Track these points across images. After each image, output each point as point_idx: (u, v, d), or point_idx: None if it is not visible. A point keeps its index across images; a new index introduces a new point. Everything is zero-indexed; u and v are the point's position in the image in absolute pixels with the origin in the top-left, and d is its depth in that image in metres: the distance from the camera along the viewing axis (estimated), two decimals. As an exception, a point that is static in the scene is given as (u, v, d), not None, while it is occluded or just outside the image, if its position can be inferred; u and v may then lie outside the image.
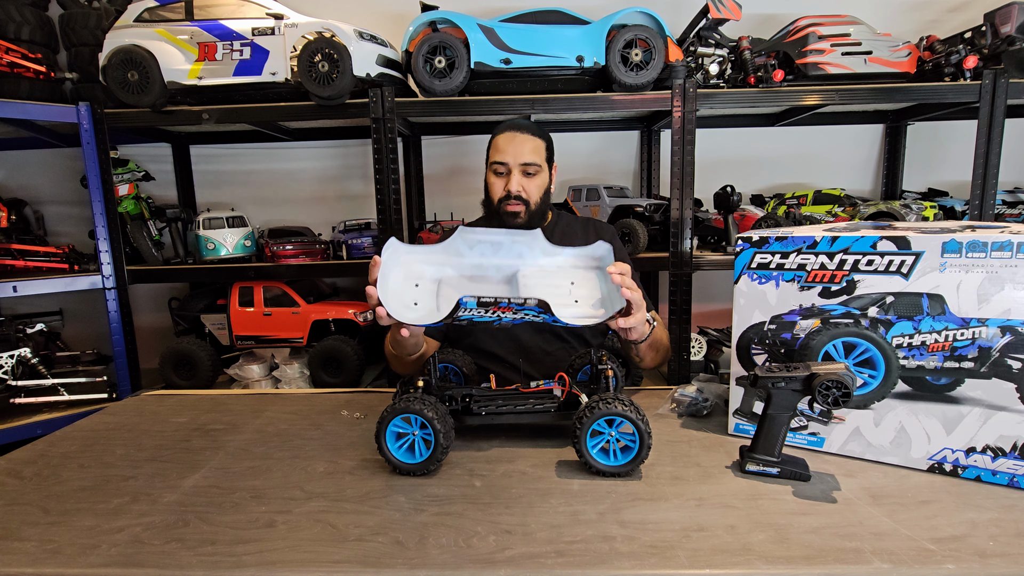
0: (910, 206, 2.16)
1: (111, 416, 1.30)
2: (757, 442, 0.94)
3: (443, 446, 0.94)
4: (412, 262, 1.15)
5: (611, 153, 2.72)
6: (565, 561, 0.72)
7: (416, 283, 1.15)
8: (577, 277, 1.18)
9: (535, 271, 1.17)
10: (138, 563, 0.74)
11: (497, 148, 1.59)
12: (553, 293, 1.14)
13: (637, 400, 1.28)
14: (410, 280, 1.14)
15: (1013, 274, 0.85)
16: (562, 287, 1.17)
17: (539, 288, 1.14)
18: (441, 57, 2.03)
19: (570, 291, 1.17)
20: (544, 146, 1.62)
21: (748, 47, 2.12)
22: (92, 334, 2.76)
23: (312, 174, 2.76)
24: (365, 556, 0.74)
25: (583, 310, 1.15)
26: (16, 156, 2.68)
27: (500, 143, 1.59)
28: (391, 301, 1.06)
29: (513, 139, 1.58)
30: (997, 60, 2.02)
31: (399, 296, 1.12)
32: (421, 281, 1.15)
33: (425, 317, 1.09)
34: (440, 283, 1.16)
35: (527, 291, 1.13)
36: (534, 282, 1.16)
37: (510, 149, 1.57)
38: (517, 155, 1.56)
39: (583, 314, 1.14)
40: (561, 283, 1.17)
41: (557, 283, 1.17)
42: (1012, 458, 0.88)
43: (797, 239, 1.00)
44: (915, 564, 0.70)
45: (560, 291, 1.16)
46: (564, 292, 1.17)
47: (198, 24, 2.05)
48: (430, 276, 1.16)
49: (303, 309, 2.30)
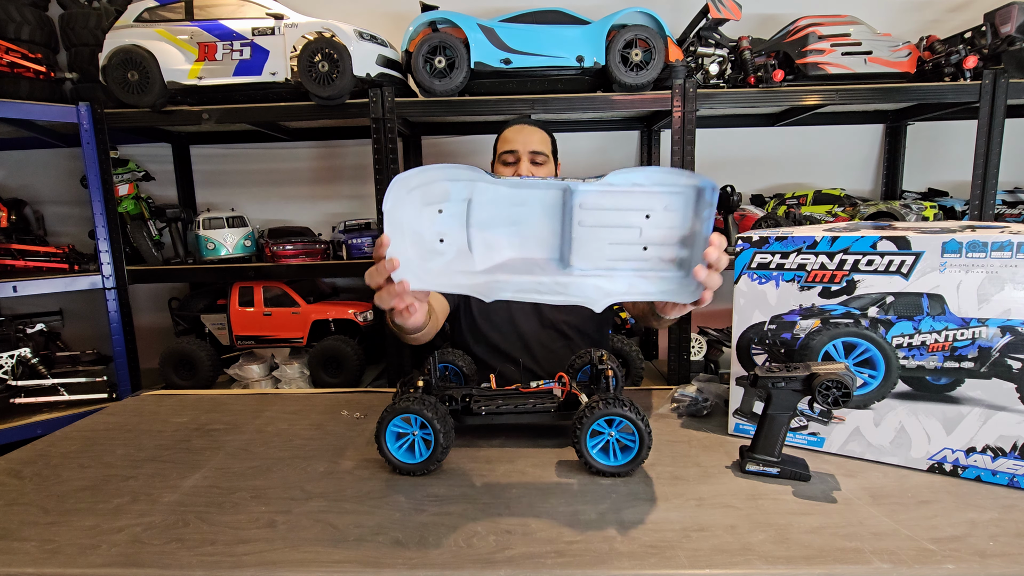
0: (910, 206, 2.16)
1: (111, 416, 1.30)
2: (757, 442, 0.94)
3: (443, 446, 0.94)
4: (431, 181, 0.85)
5: (611, 153, 2.72)
6: (565, 561, 0.72)
7: (440, 207, 0.87)
8: (658, 206, 0.86)
9: (598, 194, 0.86)
10: (138, 563, 0.74)
11: (506, 139, 1.67)
12: (618, 233, 0.88)
13: (637, 400, 1.28)
14: (431, 206, 0.86)
15: (1013, 274, 0.85)
16: (632, 224, 0.87)
17: (601, 222, 0.87)
18: (441, 57, 2.03)
19: (641, 231, 0.87)
20: (550, 141, 1.71)
21: (748, 47, 2.11)
22: (92, 334, 2.76)
23: (312, 174, 2.76)
24: (365, 556, 0.74)
25: (645, 276, 0.89)
26: (16, 156, 2.68)
27: (509, 135, 1.67)
28: (408, 251, 0.84)
29: (522, 130, 1.66)
30: (997, 60, 2.02)
31: (419, 238, 0.87)
32: (446, 203, 0.87)
33: (454, 263, 0.88)
34: (470, 204, 0.88)
35: (584, 225, 0.87)
36: (595, 214, 0.87)
37: (519, 138, 1.64)
38: (526, 143, 1.63)
39: (642, 288, 0.89)
40: (633, 216, 0.87)
41: (627, 215, 0.87)
42: (1012, 458, 0.88)
43: (797, 239, 1.00)
44: (915, 564, 0.70)
45: (628, 232, 0.88)
46: (633, 233, 0.88)
47: (198, 24, 2.05)
48: (457, 195, 0.87)
49: (303, 309, 2.30)
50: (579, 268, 0.90)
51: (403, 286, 0.85)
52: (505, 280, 0.90)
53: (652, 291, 0.91)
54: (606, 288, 0.90)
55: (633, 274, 0.91)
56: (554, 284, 0.90)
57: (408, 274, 0.86)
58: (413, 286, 0.86)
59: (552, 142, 1.72)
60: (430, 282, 0.88)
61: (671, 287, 0.90)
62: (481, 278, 0.89)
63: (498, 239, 0.90)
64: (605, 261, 0.90)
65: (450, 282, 0.89)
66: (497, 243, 0.91)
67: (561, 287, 0.90)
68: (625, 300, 0.92)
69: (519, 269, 0.91)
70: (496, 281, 0.89)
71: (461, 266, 0.89)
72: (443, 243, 0.89)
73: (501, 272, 0.91)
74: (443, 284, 0.89)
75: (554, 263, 0.92)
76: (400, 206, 0.84)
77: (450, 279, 0.89)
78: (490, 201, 0.87)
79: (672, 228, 0.87)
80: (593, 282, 0.90)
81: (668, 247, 0.89)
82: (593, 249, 0.89)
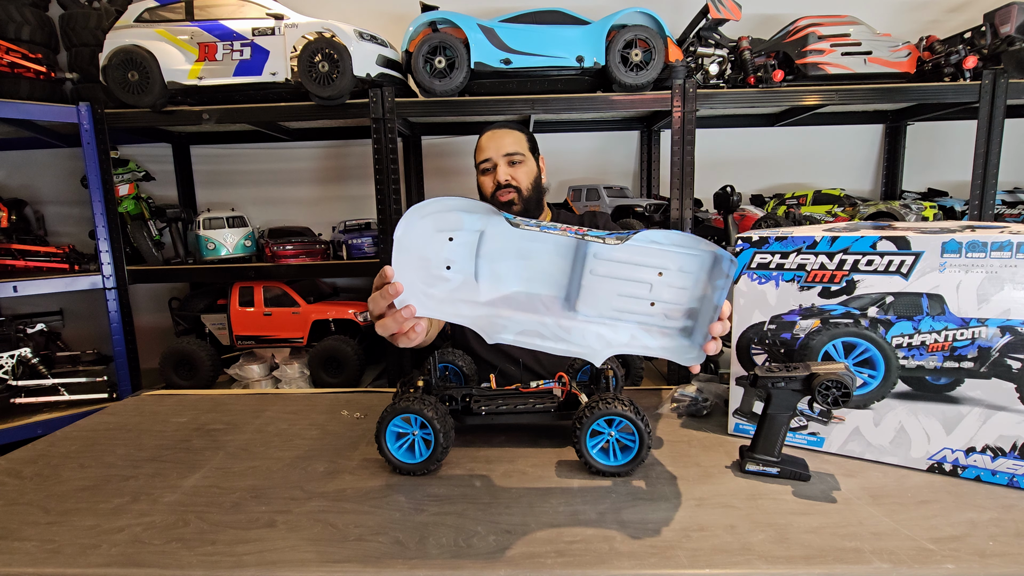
0: (910, 206, 2.16)
1: (111, 416, 1.30)
2: (757, 442, 0.94)
3: (443, 446, 0.94)
4: (445, 211, 0.84)
5: (611, 153, 2.73)
6: (565, 561, 0.72)
7: (451, 235, 0.86)
8: (672, 266, 0.87)
9: (613, 249, 0.86)
10: (138, 563, 0.74)
11: (481, 148, 1.69)
12: (628, 287, 0.88)
13: (637, 400, 1.28)
14: (442, 233, 0.86)
15: (1013, 274, 0.85)
16: (644, 279, 0.88)
17: (613, 273, 0.87)
18: (441, 57, 2.03)
19: (652, 287, 0.88)
20: (525, 138, 1.71)
21: (748, 47, 2.12)
22: (92, 334, 2.77)
23: (312, 174, 2.76)
24: (365, 556, 0.74)
25: (649, 330, 0.91)
26: (16, 156, 2.69)
27: (483, 142, 1.69)
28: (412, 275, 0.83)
29: (493, 136, 1.69)
30: (997, 60, 2.02)
31: (425, 263, 0.86)
32: (458, 232, 0.86)
33: (459, 291, 0.87)
34: (483, 236, 0.87)
35: (595, 274, 0.87)
36: (608, 266, 0.87)
37: (491, 145, 1.67)
38: (499, 148, 1.66)
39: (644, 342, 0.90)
40: (646, 272, 0.87)
41: (640, 271, 0.87)
42: (1012, 458, 0.88)
43: (797, 239, 1.00)
44: (915, 564, 0.70)
45: (638, 287, 0.88)
46: (643, 288, 0.88)
47: (198, 24, 2.05)
48: (471, 226, 0.86)
49: (303, 309, 2.30)
50: (584, 314, 0.91)
51: (410, 311, 0.85)
52: (508, 316, 0.90)
53: (653, 346, 0.92)
54: (608, 338, 0.91)
55: (637, 327, 0.92)
56: (557, 328, 0.90)
57: (411, 300, 0.85)
58: (418, 312, 0.85)
59: (529, 139, 1.72)
60: (433, 308, 0.87)
61: (672, 346, 0.92)
62: (484, 310, 0.89)
63: (506, 271, 0.90)
64: (611, 311, 0.91)
65: (453, 311, 0.88)
66: (504, 275, 0.90)
67: (564, 331, 0.91)
68: (625, 352, 0.93)
69: (523, 306, 0.91)
70: (499, 316, 0.89)
71: (465, 295, 0.89)
72: (450, 270, 0.88)
73: (504, 307, 0.91)
74: (446, 312, 0.88)
75: (559, 302, 0.92)
76: (411, 231, 0.83)
77: (453, 307, 0.89)
78: (503, 234, 0.87)
79: (683, 289, 0.88)
80: (596, 329, 0.91)
81: (676, 306, 0.90)
82: (601, 298, 0.90)
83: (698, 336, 0.91)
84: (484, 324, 0.88)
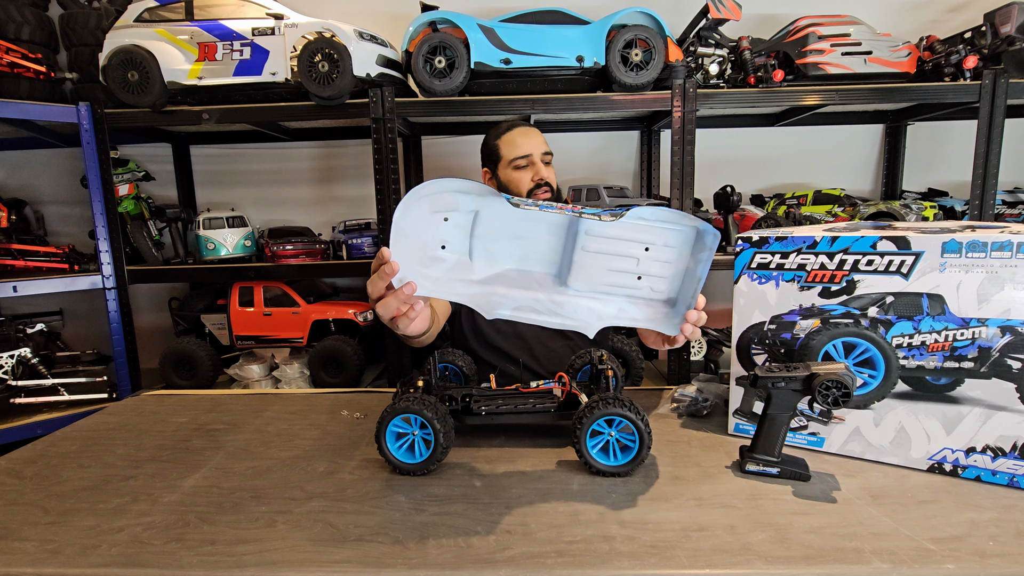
0: (910, 206, 2.16)
1: (111, 416, 1.30)
2: (757, 442, 0.94)
3: (443, 446, 0.94)
4: (442, 192, 0.86)
5: (611, 153, 2.72)
6: (565, 561, 0.72)
7: (446, 216, 0.88)
8: (658, 241, 0.92)
9: (605, 226, 0.90)
10: (138, 563, 0.74)
11: (516, 144, 1.68)
12: (616, 262, 0.93)
13: (637, 400, 1.28)
14: (438, 214, 0.88)
15: (1013, 274, 0.85)
16: (631, 254, 0.93)
17: (603, 249, 0.92)
18: (441, 57, 2.03)
19: (639, 262, 0.93)
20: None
21: (748, 47, 2.11)
22: (92, 334, 2.77)
23: (312, 174, 2.76)
24: (365, 556, 0.74)
25: (635, 303, 0.97)
26: (16, 156, 2.68)
27: (517, 139, 1.68)
28: (408, 257, 0.85)
29: (527, 133, 1.69)
30: (997, 60, 2.02)
31: (421, 244, 0.88)
32: (453, 213, 0.88)
33: (454, 271, 0.89)
34: (477, 216, 0.90)
35: (587, 250, 0.92)
36: (598, 242, 0.91)
37: (529, 142, 1.67)
38: (537, 146, 1.67)
39: (631, 314, 0.96)
40: (633, 247, 0.92)
41: (628, 246, 0.92)
42: (1012, 458, 0.88)
43: (797, 239, 1.00)
44: (915, 564, 0.70)
45: (626, 261, 0.93)
46: (631, 263, 0.93)
47: (198, 24, 2.05)
48: (466, 206, 0.88)
49: (303, 309, 2.30)
50: (575, 288, 0.96)
51: (411, 287, 0.87)
52: (503, 293, 0.93)
53: (640, 317, 0.99)
54: (598, 311, 0.96)
55: (624, 300, 0.98)
56: (550, 302, 0.95)
57: (408, 279, 0.88)
58: (416, 293, 0.88)
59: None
60: (429, 288, 0.90)
61: (657, 316, 0.99)
62: (478, 288, 0.92)
63: (500, 250, 0.93)
64: (601, 285, 0.96)
65: (449, 290, 0.91)
66: (498, 254, 0.93)
67: (557, 306, 0.96)
68: (615, 323, 0.98)
69: (517, 283, 0.94)
70: (494, 294, 0.92)
71: (460, 274, 0.91)
72: (445, 250, 0.91)
73: (499, 284, 0.94)
74: (442, 291, 0.91)
75: (551, 278, 0.96)
76: (408, 213, 0.85)
77: (449, 287, 0.92)
78: (498, 215, 0.89)
79: (668, 262, 0.94)
80: (587, 303, 0.96)
81: (661, 279, 0.96)
82: (591, 273, 0.94)
83: (681, 306, 0.98)
84: (481, 301, 0.92)
